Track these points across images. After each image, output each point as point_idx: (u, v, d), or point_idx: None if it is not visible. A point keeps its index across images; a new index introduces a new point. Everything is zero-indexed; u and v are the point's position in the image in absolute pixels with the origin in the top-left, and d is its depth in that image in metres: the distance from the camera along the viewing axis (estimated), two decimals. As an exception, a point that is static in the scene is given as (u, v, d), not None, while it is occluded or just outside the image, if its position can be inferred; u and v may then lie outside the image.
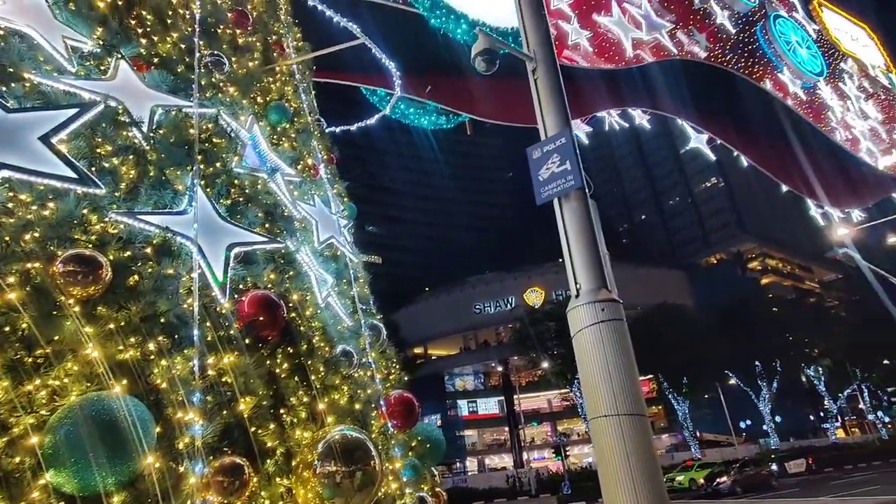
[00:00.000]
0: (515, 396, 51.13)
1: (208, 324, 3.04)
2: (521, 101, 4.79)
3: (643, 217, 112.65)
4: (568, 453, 40.60)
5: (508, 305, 66.47)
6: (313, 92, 6.85)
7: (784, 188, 11.52)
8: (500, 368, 59.40)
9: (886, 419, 59.97)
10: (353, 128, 8.24)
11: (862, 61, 14.52)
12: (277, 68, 5.74)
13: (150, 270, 2.96)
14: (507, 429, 62.92)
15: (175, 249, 3.11)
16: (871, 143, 12.00)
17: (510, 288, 67.87)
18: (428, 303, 74.21)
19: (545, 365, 46.72)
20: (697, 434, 50.04)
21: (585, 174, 4.21)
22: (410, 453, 4.30)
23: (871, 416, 59.88)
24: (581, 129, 8.90)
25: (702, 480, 27.89)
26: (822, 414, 59.59)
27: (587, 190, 3.79)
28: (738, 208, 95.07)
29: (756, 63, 10.36)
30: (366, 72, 7.39)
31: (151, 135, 3.42)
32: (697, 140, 10.45)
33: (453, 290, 72.98)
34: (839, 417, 58.30)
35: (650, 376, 53.47)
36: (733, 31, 10.26)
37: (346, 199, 6.26)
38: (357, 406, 3.88)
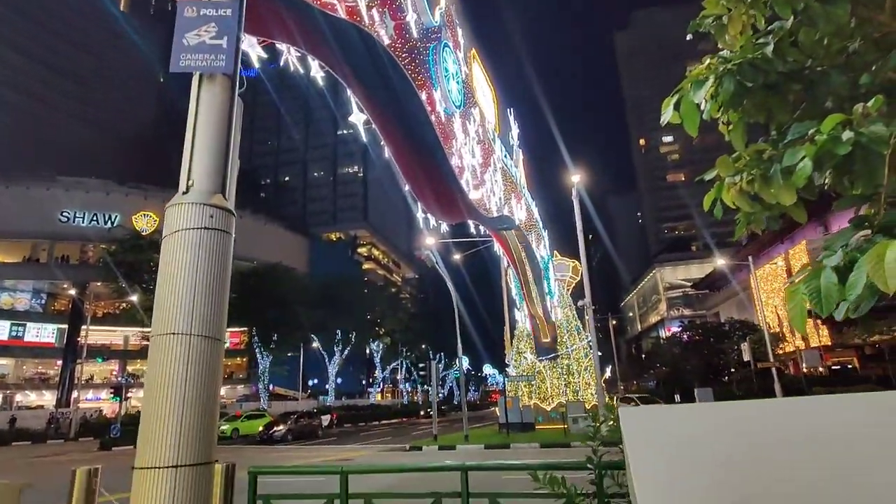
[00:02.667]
0: (84, 327, 42.98)
1: None
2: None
3: (287, 178, 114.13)
4: (130, 395, 36.79)
5: (109, 223, 55.82)
6: None
7: (406, 187, 13.45)
8: (72, 292, 48.89)
9: (410, 389, 78.35)
10: None
11: (484, 114, 18.60)
12: None
13: None
14: (60, 362, 52.25)
15: None
16: (470, 176, 15.44)
17: (117, 204, 57.27)
18: (-11, 189, 55.09)
19: (135, 298, 41.22)
20: (271, 388, 53.22)
21: (242, 71, 3.73)
22: None
23: (402, 386, 77.05)
24: (255, 50, 8.11)
25: (260, 428, 29.74)
26: (371, 380, 72.77)
27: (237, 85, 3.31)
28: (367, 199, 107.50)
29: (421, 73, 11.79)
30: None
31: None
32: (357, 117, 11.05)
33: (36, 184, 56.45)
34: (381, 384, 72.46)
35: (245, 328, 54.11)
36: (416, 36, 11.37)
37: None
38: None
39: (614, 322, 67.72)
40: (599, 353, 22.50)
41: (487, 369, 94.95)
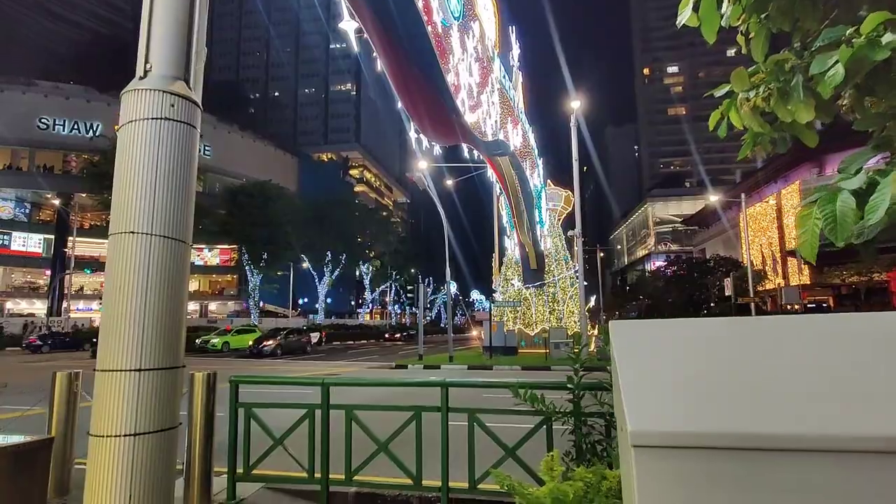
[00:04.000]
0: (71, 238, 42.71)
1: None
2: None
3: (277, 94, 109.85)
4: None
5: (91, 132, 54.02)
6: None
7: (399, 104, 12.85)
8: (56, 202, 48.12)
9: (399, 311, 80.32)
10: None
11: (484, 29, 17.56)
12: None
13: None
14: (48, 272, 52.50)
15: None
16: (466, 96, 14.78)
17: (99, 112, 55.05)
18: (-42, 92, 52.55)
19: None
20: (261, 304, 54.24)
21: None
22: None
23: (390, 308, 78.85)
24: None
25: (250, 343, 30.46)
26: (360, 301, 74.26)
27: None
28: (360, 120, 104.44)
29: (418, -23, 10.92)
30: None
31: None
32: (348, 24, 10.33)
33: (11, 87, 53.82)
34: (370, 305, 74.11)
35: (234, 245, 54.31)
36: (411, -67, 10.40)
37: None
38: None
39: (602, 254, 68.70)
40: (585, 283, 22.87)
41: (475, 295, 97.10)
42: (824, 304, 37.47)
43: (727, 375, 1.04)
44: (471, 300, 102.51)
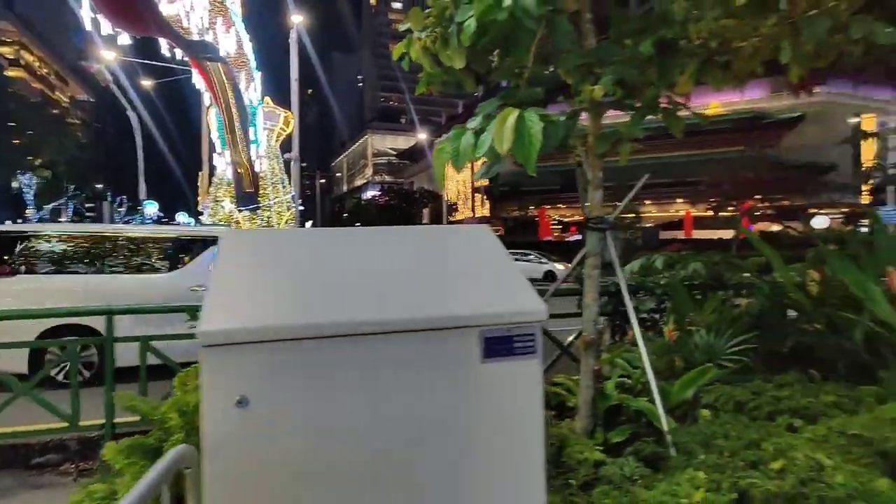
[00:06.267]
0: None
1: None
2: None
3: None
4: None
5: None
6: None
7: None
8: None
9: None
10: None
11: None
12: None
13: None
14: None
15: None
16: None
17: None
18: None
19: None
20: None
21: None
22: None
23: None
24: None
25: None
26: (21, 220, 58.06)
27: None
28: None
29: None
30: None
31: None
32: None
33: None
34: (36, 227, 58.70)
35: None
36: None
37: None
38: None
39: (323, 180, 69.15)
40: (302, 208, 22.81)
41: (182, 217, 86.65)
42: (498, 234, 46.34)
43: (298, 277, 1.19)
44: (177, 223, 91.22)
